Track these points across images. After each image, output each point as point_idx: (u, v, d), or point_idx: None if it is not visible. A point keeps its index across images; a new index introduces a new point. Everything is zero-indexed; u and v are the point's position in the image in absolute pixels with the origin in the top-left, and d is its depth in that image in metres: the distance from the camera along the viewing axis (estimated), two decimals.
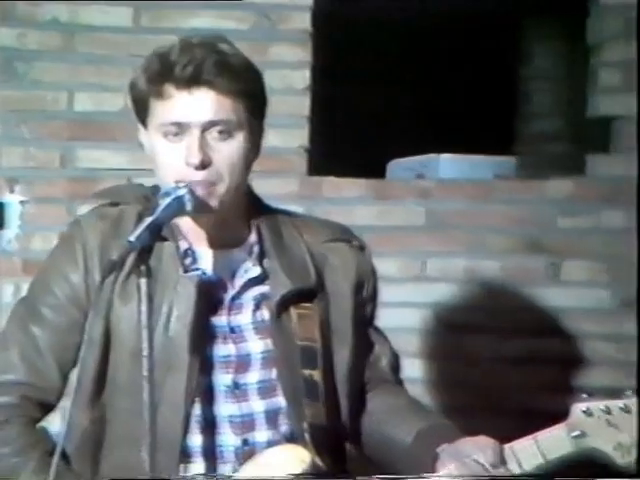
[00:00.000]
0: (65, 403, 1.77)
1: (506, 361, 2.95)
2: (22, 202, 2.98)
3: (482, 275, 3.04)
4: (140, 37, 2.97)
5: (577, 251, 3.02)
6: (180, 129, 1.76)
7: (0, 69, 2.99)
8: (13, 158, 3.00)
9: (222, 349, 1.83)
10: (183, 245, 1.84)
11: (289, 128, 2.98)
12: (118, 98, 2.90)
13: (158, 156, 1.79)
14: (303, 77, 3.04)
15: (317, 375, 1.85)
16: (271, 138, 2.90)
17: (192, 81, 1.74)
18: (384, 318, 2.14)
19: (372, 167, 3.15)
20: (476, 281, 3.04)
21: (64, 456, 1.77)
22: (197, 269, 1.83)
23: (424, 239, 3.05)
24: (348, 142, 3.18)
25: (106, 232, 1.82)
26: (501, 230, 3.05)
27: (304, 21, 3.04)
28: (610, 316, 2.99)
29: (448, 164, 3.13)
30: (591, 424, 1.74)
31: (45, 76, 3.02)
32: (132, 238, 1.61)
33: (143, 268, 1.62)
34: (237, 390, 1.83)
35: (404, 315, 2.95)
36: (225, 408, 1.82)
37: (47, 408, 1.85)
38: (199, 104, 1.75)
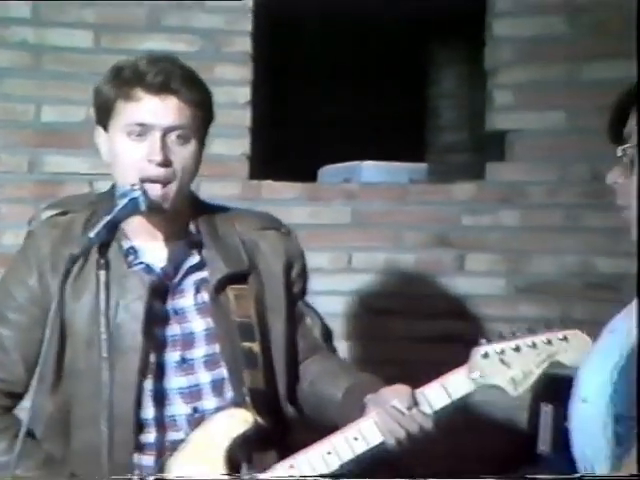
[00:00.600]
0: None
1: (420, 340, 2.97)
2: None
3: (399, 266, 3.05)
4: (100, 57, 2.93)
5: (478, 245, 3.05)
6: (143, 130, 1.73)
7: None
8: None
9: (169, 330, 1.82)
10: (126, 244, 1.81)
11: (232, 138, 2.97)
12: (80, 110, 2.89)
13: (120, 155, 1.76)
14: (244, 93, 3.02)
15: (256, 347, 1.84)
16: (217, 147, 2.90)
17: (162, 88, 1.72)
18: (316, 304, 2.12)
19: (305, 172, 3.14)
20: (394, 271, 3.04)
21: (34, 437, 1.78)
22: (140, 263, 1.81)
23: (350, 235, 3.05)
24: (284, 150, 3.16)
25: (57, 239, 1.80)
26: (415, 227, 3.06)
27: (245, 44, 3.02)
28: (506, 301, 3.02)
29: (370, 170, 3.14)
30: (488, 365, 1.75)
31: (15, 90, 2.97)
32: (92, 235, 1.60)
33: (102, 261, 1.60)
34: (185, 365, 1.82)
35: (333, 301, 2.93)
36: (175, 381, 1.81)
37: (16, 397, 1.83)
38: (165, 109, 1.73)
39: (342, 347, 2.91)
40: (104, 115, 1.78)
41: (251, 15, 3.02)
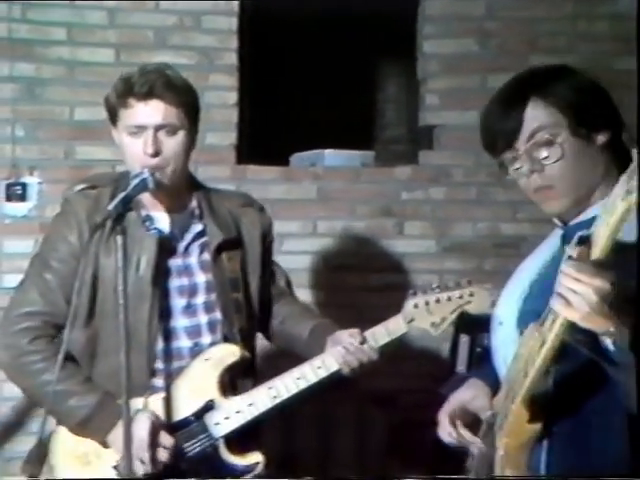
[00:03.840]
0: None
1: (369, 289, 2.97)
2: (39, 183, 2.88)
3: (353, 232, 3.03)
4: (119, 69, 2.79)
5: (414, 215, 3.04)
6: (139, 129, 1.72)
7: (23, 92, 2.88)
8: (32, 152, 2.91)
9: (179, 281, 1.81)
10: (143, 212, 1.80)
11: (223, 132, 2.93)
12: (104, 111, 2.81)
13: (125, 148, 1.75)
14: (232, 97, 2.97)
15: (240, 297, 1.84)
16: (210, 139, 2.86)
17: (148, 95, 1.70)
18: (288, 262, 2.12)
19: (280, 159, 3.11)
20: (349, 236, 3.03)
21: (73, 359, 1.77)
22: (155, 228, 1.79)
23: (315, 208, 3.04)
24: (263, 141, 3.13)
25: (90, 207, 1.78)
26: (365, 201, 3.05)
27: (232, 58, 2.97)
28: (435, 258, 3.03)
29: (331, 156, 3.11)
30: (417, 312, 1.78)
31: (54, 96, 2.91)
32: (110, 207, 1.58)
33: (119, 228, 1.58)
34: (189, 309, 1.81)
35: (302, 259, 2.94)
36: (181, 321, 1.80)
37: (59, 328, 1.79)
38: (152, 111, 1.71)
39: (309, 295, 2.93)
40: (112, 119, 1.78)
41: (237, 35, 2.97)
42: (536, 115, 1.32)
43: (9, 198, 2.84)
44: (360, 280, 2.99)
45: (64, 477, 1.70)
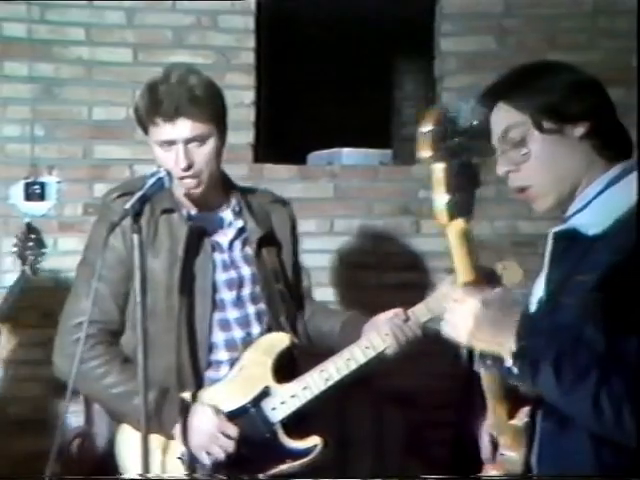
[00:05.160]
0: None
1: (387, 287, 2.96)
2: (58, 182, 2.90)
3: (371, 230, 3.03)
4: (137, 69, 2.89)
5: (431, 213, 3.00)
6: (169, 144, 1.75)
7: (42, 92, 2.90)
8: (51, 152, 2.93)
9: (226, 275, 1.86)
10: (184, 212, 1.84)
11: (240, 130, 2.92)
12: (122, 111, 2.87)
13: (158, 158, 1.79)
14: (249, 96, 2.99)
15: (282, 287, 1.91)
16: (228, 137, 2.85)
17: (174, 115, 1.73)
18: (306, 260, 2.12)
19: (297, 157, 3.12)
20: (367, 234, 3.02)
21: (128, 360, 1.80)
22: (199, 227, 1.84)
23: (333, 206, 3.04)
24: (281, 140, 3.14)
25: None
26: (383, 199, 3.04)
27: (249, 57, 2.98)
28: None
29: (349, 155, 3.11)
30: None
31: (73, 96, 2.93)
32: (127, 206, 1.60)
33: (135, 227, 1.60)
34: (238, 300, 1.86)
35: (319, 258, 2.94)
36: (232, 313, 1.85)
37: (115, 335, 1.83)
38: (180, 129, 1.74)
39: (326, 293, 2.93)
40: (144, 130, 1.81)
41: (254, 33, 2.97)
42: (501, 118, 1.34)
43: (28, 197, 2.86)
44: (377, 278, 2.98)
45: (133, 471, 1.73)
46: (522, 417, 1.38)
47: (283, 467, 1.78)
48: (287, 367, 1.86)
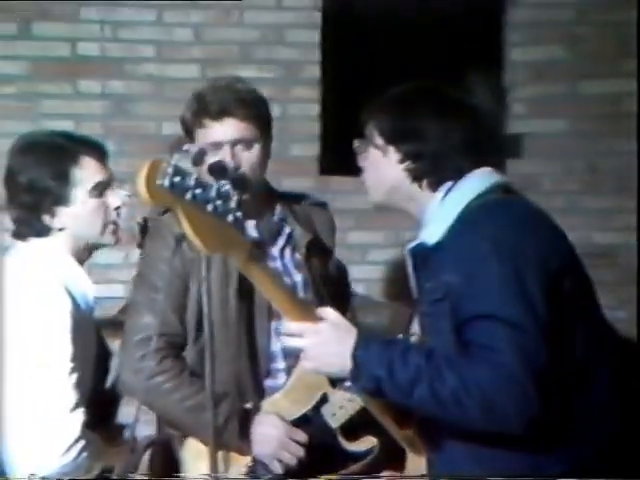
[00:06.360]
0: None
1: None
2: (128, 196, 2.95)
3: None
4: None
5: None
6: (216, 147, 1.77)
7: (114, 108, 2.99)
8: (122, 166, 2.95)
9: None
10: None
11: (306, 143, 2.97)
12: None
13: (205, 164, 1.79)
14: (314, 108, 3.00)
15: (330, 289, 1.91)
16: (294, 150, 2.89)
17: (221, 114, 1.76)
18: (371, 272, 2.12)
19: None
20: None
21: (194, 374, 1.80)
22: (251, 236, 1.83)
23: (399, 218, 2.98)
24: (346, 153, 3.15)
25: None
26: None
27: (314, 71, 3.01)
28: None
29: None
30: None
31: (142, 111, 3.01)
32: None
33: None
34: None
35: (385, 270, 2.91)
36: None
37: (178, 347, 1.83)
38: (227, 129, 1.77)
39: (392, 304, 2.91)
40: (189, 136, 1.83)
41: (318, 47, 3.00)
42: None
43: None
44: None
45: None
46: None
47: (345, 471, 1.78)
48: None
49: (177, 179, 1.20)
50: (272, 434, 1.74)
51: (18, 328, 1.67)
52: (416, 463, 1.40)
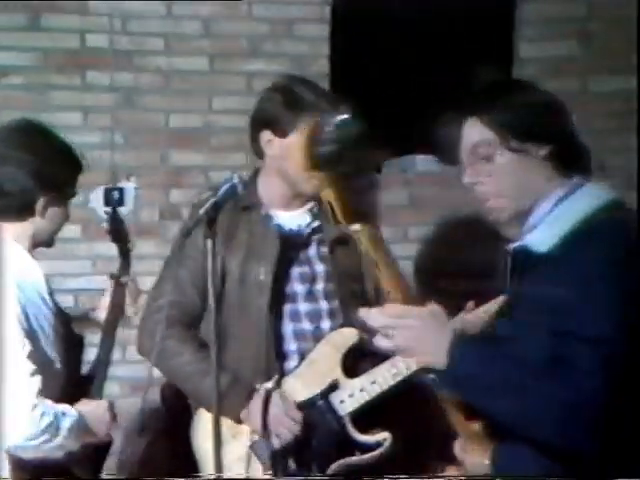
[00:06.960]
0: None
1: (461, 295, 2.89)
2: (135, 188, 2.98)
3: (444, 239, 3.00)
4: (214, 77, 2.96)
5: None
6: None
7: (122, 100, 2.99)
8: (129, 158, 3.01)
9: (300, 269, 1.95)
10: (263, 212, 1.94)
11: None
12: (198, 118, 2.95)
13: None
14: None
15: (358, 287, 1.98)
16: None
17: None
18: None
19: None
20: (440, 242, 3.00)
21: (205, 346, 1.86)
22: (276, 225, 1.94)
23: (407, 214, 3.02)
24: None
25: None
26: (457, 208, 3.00)
27: (323, 65, 3.01)
28: None
29: (422, 162, 3.09)
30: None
31: (150, 104, 3.00)
32: (201, 212, 1.63)
33: (209, 232, 1.63)
34: (310, 294, 1.95)
35: None
36: (304, 306, 1.94)
37: (195, 317, 1.92)
38: None
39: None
40: (281, 132, 1.89)
41: (328, 41, 3.00)
42: (471, 133, 1.41)
43: (107, 202, 2.95)
44: (452, 286, 2.95)
45: (206, 457, 1.81)
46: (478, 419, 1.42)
47: (352, 459, 1.81)
48: (357, 362, 1.90)
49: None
50: (272, 411, 1.80)
51: None
52: (476, 460, 1.37)
